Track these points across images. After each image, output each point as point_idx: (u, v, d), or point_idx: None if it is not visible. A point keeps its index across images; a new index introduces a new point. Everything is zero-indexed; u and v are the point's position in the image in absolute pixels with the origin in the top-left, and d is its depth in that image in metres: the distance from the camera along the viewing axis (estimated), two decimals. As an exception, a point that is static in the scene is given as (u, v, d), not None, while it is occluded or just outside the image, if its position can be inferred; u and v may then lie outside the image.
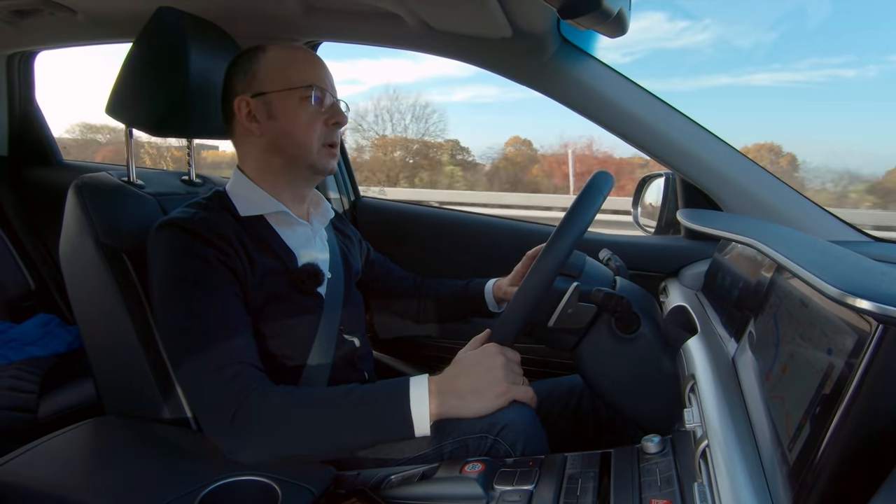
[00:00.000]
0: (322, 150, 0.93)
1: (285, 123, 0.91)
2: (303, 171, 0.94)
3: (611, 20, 0.74)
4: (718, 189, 1.13)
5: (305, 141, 0.91)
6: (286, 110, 0.91)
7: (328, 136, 0.93)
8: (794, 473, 0.44)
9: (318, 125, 0.92)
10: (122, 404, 0.93)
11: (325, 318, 0.93)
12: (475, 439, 0.79)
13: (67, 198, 0.93)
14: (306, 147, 0.91)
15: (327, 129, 0.93)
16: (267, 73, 0.92)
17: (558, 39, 1.10)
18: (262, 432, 0.73)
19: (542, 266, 0.78)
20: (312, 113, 0.91)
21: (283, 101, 0.91)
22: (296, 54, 0.94)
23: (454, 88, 25.53)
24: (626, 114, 1.12)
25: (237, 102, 0.92)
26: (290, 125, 0.91)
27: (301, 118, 0.91)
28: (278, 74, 0.91)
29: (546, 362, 1.32)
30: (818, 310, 0.51)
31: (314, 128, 0.91)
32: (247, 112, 0.92)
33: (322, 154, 0.93)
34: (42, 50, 1.80)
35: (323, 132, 0.92)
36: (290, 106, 0.90)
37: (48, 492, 0.72)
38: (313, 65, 0.94)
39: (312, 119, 0.91)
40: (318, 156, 0.93)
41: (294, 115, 0.90)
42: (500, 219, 1.50)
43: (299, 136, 0.91)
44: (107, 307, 0.89)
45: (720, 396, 0.64)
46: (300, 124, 0.91)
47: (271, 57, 0.92)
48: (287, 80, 0.91)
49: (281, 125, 0.91)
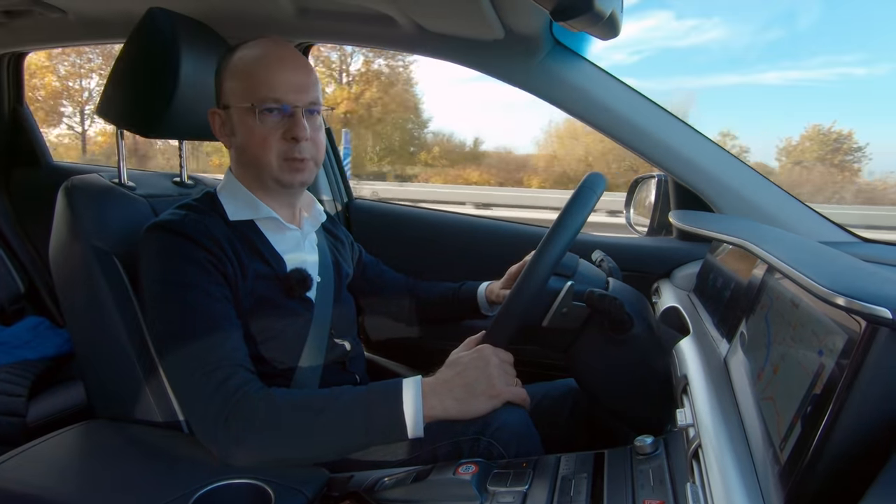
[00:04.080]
0: (283, 165, 0.88)
1: (243, 140, 0.88)
2: (272, 185, 0.91)
3: (603, 22, 0.74)
4: (710, 190, 1.14)
5: (262, 158, 0.87)
6: (244, 126, 0.87)
7: (287, 151, 0.87)
8: (786, 473, 0.44)
9: (275, 141, 0.86)
10: (112, 408, 0.92)
11: (315, 323, 0.93)
12: (469, 441, 0.79)
13: (57, 200, 0.92)
14: (265, 164, 0.87)
15: (285, 143, 0.87)
16: (229, 83, 0.89)
17: (550, 41, 1.11)
18: (255, 435, 0.73)
19: (535, 267, 0.78)
20: (269, 128, 0.86)
21: (241, 116, 0.87)
22: (254, 62, 0.87)
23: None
24: (618, 116, 1.12)
25: (210, 114, 0.92)
26: (247, 142, 0.88)
27: (256, 135, 0.86)
28: (237, 86, 0.87)
29: (539, 364, 1.32)
30: (809, 310, 0.52)
31: (270, 144, 0.86)
32: (220, 124, 0.91)
33: (283, 169, 0.88)
34: (32, 50, 1.79)
35: (280, 147, 0.87)
36: (247, 122, 0.87)
37: (38, 496, 0.72)
38: (272, 73, 0.86)
39: (268, 135, 0.86)
40: (280, 171, 0.88)
41: (249, 131, 0.87)
42: (494, 220, 1.51)
43: (256, 154, 0.87)
44: (97, 310, 0.89)
45: (712, 397, 0.64)
46: (255, 141, 0.87)
47: (234, 64, 0.89)
48: (244, 93, 0.86)
49: (241, 141, 0.89)
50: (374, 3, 1.06)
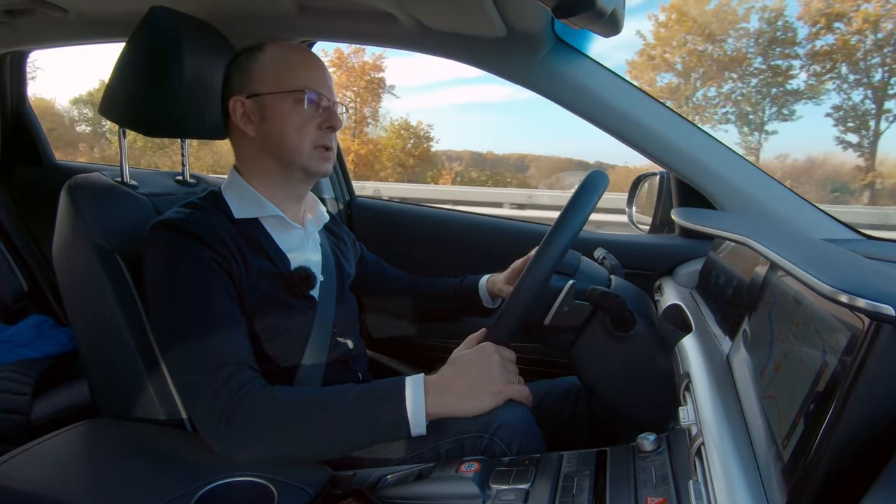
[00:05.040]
0: (314, 153, 0.93)
1: (278, 125, 0.91)
2: (296, 173, 0.94)
3: (605, 19, 0.74)
4: (713, 187, 1.14)
5: (297, 143, 0.91)
6: (279, 112, 0.90)
7: (321, 139, 0.93)
8: (789, 470, 0.44)
9: (311, 128, 0.91)
10: (116, 406, 0.92)
11: (317, 321, 0.93)
12: (471, 438, 0.79)
13: (60, 199, 0.92)
14: (298, 149, 0.91)
15: (321, 132, 0.92)
16: (262, 73, 0.92)
17: (552, 39, 1.10)
18: (258, 433, 0.73)
19: (537, 265, 0.78)
20: (306, 116, 0.91)
21: (276, 103, 0.90)
22: (292, 56, 0.94)
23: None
24: (621, 113, 1.12)
25: (232, 102, 0.93)
26: (283, 127, 0.91)
27: (294, 121, 0.90)
28: (273, 76, 0.91)
29: (542, 362, 1.32)
30: (812, 308, 0.52)
31: (307, 131, 0.91)
32: (241, 112, 0.92)
33: (314, 156, 0.93)
34: (34, 50, 1.79)
35: (316, 135, 0.92)
36: (284, 108, 0.90)
37: (42, 494, 0.72)
38: (310, 67, 0.93)
39: (305, 122, 0.91)
40: (310, 158, 0.92)
41: (287, 117, 0.90)
42: (496, 218, 1.51)
43: (291, 139, 0.91)
44: (100, 308, 0.89)
45: (715, 394, 0.64)
46: (292, 127, 0.90)
47: (268, 58, 0.93)
48: (282, 82, 0.90)
49: (274, 127, 0.91)
50: (376, 1, 1.05)
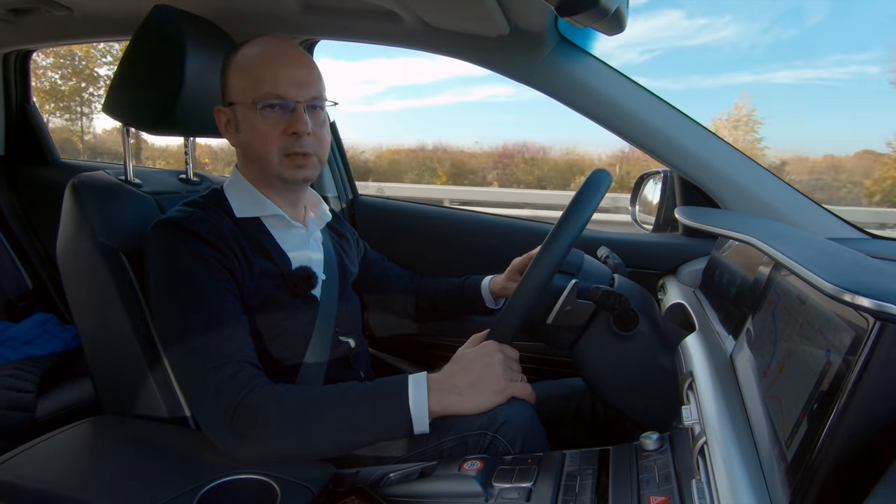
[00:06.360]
0: (284, 161, 0.88)
1: (246, 136, 0.89)
2: (275, 181, 0.92)
3: (608, 17, 0.74)
4: (716, 186, 1.13)
5: (264, 154, 0.88)
6: (245, 122, 0.88)
7: (290, 146, 0.87)
8: (792, 470, 0.44)
9: (276, 136, 0.87)
10: (119, 403, 0.92)
11: (319, 320, 0.93)
12: (474, 436, 0.79)
13: (64, 197, 0.93)
14: (266, 159, 0.88)
15: (287, 138, 0.87)
16: (233, 81, 0.89)
17: (556, 37, 1.10)
18: (261, 430, 0.73)
19: (540, 263, 0.78)
20: (269, 124, 0.86)
21: (244, 113, 0.88)
22: (257, 59, 0.88)
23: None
24: (625, 111, 1.12)
25: (216, 112, 0.92)
26: (249, 138, 0.88)
27: (258, 131, 0.87)
28: (238, 83, 0.88)
29: (545, 361, 1.32)
30: (816, 307, 0.52)
31: (272, 140, 0.87)
32: (225, 121, 0.92)
33: (285, 164, 0.88)
34: (38, 48, 1.80)
35: (282, 142, 0.87)
36: (250, 118, 0.87)
37: (46, 491, 0.72)
38: (274, 67, 0.87)
39: (270, 130, 0.87)
40: (281, 167, 0.88)
41: (252, 127, 0.87)
42: (499, 217, 1.50)
43: (258, 150, 0.88)
44: (104, 306, 0.89)
45: (718, 393, 0.64)
46: (258, 138, 0.87)
47: (237, 62, 0.89)
48: (246, 90, 0.87)
49: (244, 137, 0.89)
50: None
